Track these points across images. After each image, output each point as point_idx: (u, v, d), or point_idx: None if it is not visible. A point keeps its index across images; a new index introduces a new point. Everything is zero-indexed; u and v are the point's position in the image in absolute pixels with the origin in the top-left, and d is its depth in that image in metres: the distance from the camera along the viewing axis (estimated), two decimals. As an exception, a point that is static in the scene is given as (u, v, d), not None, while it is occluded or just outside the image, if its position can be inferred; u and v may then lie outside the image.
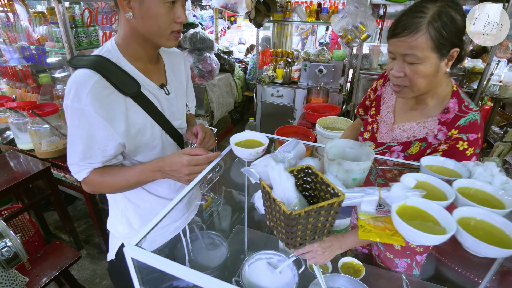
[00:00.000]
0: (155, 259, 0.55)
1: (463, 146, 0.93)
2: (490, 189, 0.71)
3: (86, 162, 0.88)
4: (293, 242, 0.60)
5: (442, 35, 0.84)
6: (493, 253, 0.56)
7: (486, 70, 2.88)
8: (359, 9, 2.88)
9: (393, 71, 0.94)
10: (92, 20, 1.96)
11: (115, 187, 0.94)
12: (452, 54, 0.89)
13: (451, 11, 0.85)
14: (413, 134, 1.04)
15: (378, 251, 1.32)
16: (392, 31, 0.91)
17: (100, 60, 0.86)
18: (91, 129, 0.84)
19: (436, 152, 0.98)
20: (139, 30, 0.86)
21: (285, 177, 0.55)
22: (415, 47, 0.86)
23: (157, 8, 0.80)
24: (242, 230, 1.51)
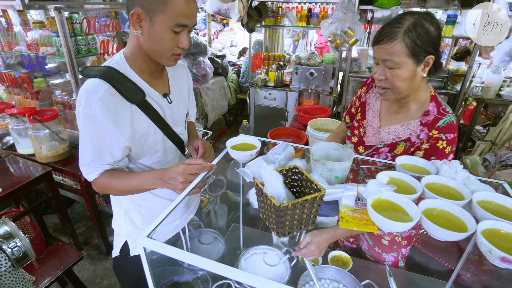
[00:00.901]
0: (165, 247, 0.65)
1: (442, 145, 1.05)
2: (453, 184, 0.82)
3: (97, 164, 0.97)
4: (282, 231, 0.70)
5: (416, 43, 0.96)
6: (450, 237, 0.67)
7: (468, 72, 3.03)
8: (347, 14, 3.00)
9: (376, 75, 1.07)
10: (91, 29, 2.03)
11: (120, 190, 1.03)
12: (428, 61, 1.01)
13: (425, 23, 0.97)
14: (398, 135, 1.15)
15: (368, 246, 1.41)
16: (375, 39, 1.04)
17: (109, 71, 0.96)
18: (101, 133, 0.93)
19: (419, 151, 1.09)
20: (144, 47, 0.95)
21: (274, 176, 0.65)
22: (392, 53, 0.98)
23: (163, 33, 0.89)
24: (237, 227, 1.60)
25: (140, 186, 1.00)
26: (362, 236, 1.43)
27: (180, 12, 0.87)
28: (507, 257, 0.59)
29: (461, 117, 3.67)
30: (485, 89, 3.22)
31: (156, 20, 0.88)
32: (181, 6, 0.87)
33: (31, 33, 2.04)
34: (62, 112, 2.27)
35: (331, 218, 2.03)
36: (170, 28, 0.89)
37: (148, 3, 0.86)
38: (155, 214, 1.22)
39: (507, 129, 2.45)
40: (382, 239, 1.34)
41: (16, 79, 2.27)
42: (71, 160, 2.18)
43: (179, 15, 0.88)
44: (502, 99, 3.18)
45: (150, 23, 0.89)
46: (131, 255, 1.21)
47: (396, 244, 1.34)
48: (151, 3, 0.86)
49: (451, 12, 2.93)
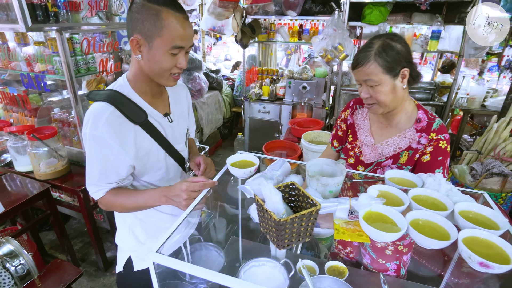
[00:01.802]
0: (175, 262, 0.69)
1: (444, 144, 1.16)
2: (437, 195, 0.89)
3: (103, 182, 1.03)
4: (282, 244, 0.75)
5: (387, 60, 1.08)
6: (434, 245, 0.73)
7: (453, 84, 3.16)
8: (337, 31, 3.13)
9: (362, 94, 1.18)
10: (90, 48, 2.10)
11: (126, 207, 1.08)
12: (404, 73, 1.12)
13: (392, 42, 1.10)
14: (398, 146, 1.24)
15: (371, 260, 1.44)
16: (353, 65, 1.16)
17: (113, 94, 1.02)
18: (107, 153, 0.99)
19: (425, 155, 1.18)
20: (145, 70, 1.02)
21: (274, 193, 0.71)
22: (369, 73, 1.10)
23: (162, 55, 0.96)
24: (236, 240, 1.64)
25: (145, 203, 1.05)
26: (364, 250, 1.45)
27: (176, 35, 0.93)
28: (485, 262, 0.66)
29: (449, 127, 3.80)
30: (470, 100, 3.36)
31: (154, 44, 0.94)
32: (177, 29, 0.93)
33: (31, 52, 2.09)
34: (60, 129, 2.31)
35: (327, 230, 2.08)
36: (167, 51, 0.95)
37: (146, 29, 0.93)
38: (158, 229, 1.26)
39: (491, 139, 2.56)
40: (386, 250, 1.37)
41: (14, 97, 2.31)
42: (70, 177, 2.21)
43: (175, 38, 0.94)
44: (486, 110, 3.32)
45: (149, 47, 0.95)
46: (135, 270, 1.24)
47: (399, 252, 1.37)
48: (149, 29, 0.92)
49: (435, 27, 3.08)
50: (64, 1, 1.86)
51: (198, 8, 5.14)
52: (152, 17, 0.91)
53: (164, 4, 0.92)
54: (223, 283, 0.67)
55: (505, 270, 0.65)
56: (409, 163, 1.21)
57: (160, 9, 0.91)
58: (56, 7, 1.82)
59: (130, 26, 0.97)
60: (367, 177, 1.16)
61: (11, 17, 1.74)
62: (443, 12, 3.23)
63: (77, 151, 2.29)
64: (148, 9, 0.92)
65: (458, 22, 2.98)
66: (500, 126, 2.54)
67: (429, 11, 2.94)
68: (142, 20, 0.92)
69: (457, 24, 3.03)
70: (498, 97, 3.41)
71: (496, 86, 3.76)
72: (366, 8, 3.08)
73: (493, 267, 0.65)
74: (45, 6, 1.77)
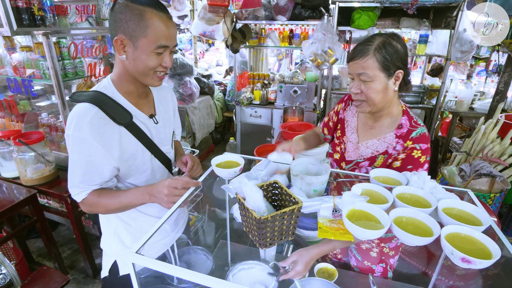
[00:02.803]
0: (154, 263, 0.68)
1: (417, 154, 1.13)
2: (421, 193, 0.90)
3: (85, 184, 1.01)
4: (264, 243, 0.74)
5: (386, 58, 1.07)
6: (417, 242, 0.73)
7: (442, 87, 3.21)
8: (326, 35, 3.16)
9: (352, 89, 1.15)
10: (78, 53, 2.08)
11: (109, 208, 1.06)
12: (398, 75, 1.11)
13: (393, 41, 1.09)
14: (376, 149, 1.23)
15: (356, 262, 1.44)
16: (349, 56, 1.14)
17: (97, 95, 1.01)
18: (90, 155, 0.97)
19: (396, 161, 1.17)
20: (130, 70, 1.01)
21: (255, 191, 0.71)
22: (366, 67, 1.08)
23: (147, 55, 0.95)
24: (225, 244, 1.62)
25: (129, 202, 1.04)
26: (350, 252, 1.45)
27: (161, 34, 0.94)
28: (467, 258, 0.66)
29: (438, 130, 3.85)
30: (459, 103, 3.41)
31: (139, 44, 0.94)
32: (161, 29, 0.94)
33: (18, 57, 2.07)
34: (48, 135, 2.27)
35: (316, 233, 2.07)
36: (152, 50, 0.95)
37: (130, 29, 0.93)
38: (144, 232, 1.22)
39: (479, 140, 2.59)
40: (370, 251, 1.37)
41: (1, 103, 2.27)
42: (57, 182, 2.17)
43: (160, 37, 0.94)
44: (474, 112, 3.37)
45: (134, 47, 0.95)
46: (121, 275, 1.21)
47: (385, 255, 1.38)
48: (133, 29, 0.92)
49: (422, 32, 3.13)
50: (50, 5, 1.85)
51: (190, 14, 5.16)
52: (136, 17, 0.91)
53: (148, 4, 0.92)
54: (207, 284, 0.65)
55: (486, 265, 0.65)
56: (383, 167, 1.20)
57: (144, 9, 0.92)
58: (43, 11, 1.81)
59: (113, 27, 0.96)
60: (352, 176, 1.16)
61: (-4, 20, 1.72)
62: (430, 17, 3.29)
63: (65, 156, 2.26)
64: (131, 9, 0.92)
65: (445, 27, 3.03)
66: (488, 127, 2.58)
67: (416, 16, 2.99)
68: (126, 20, 0.92)
69: (443, 28, 3.08)
70: (486, 99, 3.46)
71: (483, 89, 3.83)
72: (355, 13, 3.12)
73: (474, 262, 0.65)
74: (31, 10, 1.75)
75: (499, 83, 2.80)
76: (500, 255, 0.66)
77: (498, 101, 2.83)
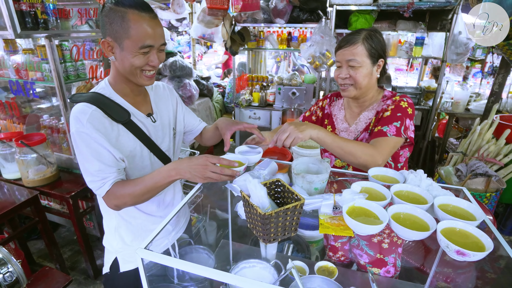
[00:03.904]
0: (163, 258, 0.71)
1: (404, 104, 1.26)
2: (418, 190, 0.93)
3: (104, 174, 1.00)
4: (268, 238, 0.77)
5: (372, 46, 1.23)
6: (414, 236, 0.76)
7: (438, 89, 3.26)
8: (324, 38, 3.21)
9: (341, 75, 1.28)
10: (80, 55, 2.11)
11: (136, 194, 1.02)
12: (379, 63, 1.27)
13: (376, 34, 1.26)
14: (368, 117, 1.34)
15: (369, 258, 1.44)
16: (339, 45, 1.29)
17: (95, 96, 1.05)
18: (98, 145, 0.99)
19: (386, 112, 1.26)
20: (121, 71, 1.04)
21: (259, 188, 0.74)
22: (355, 54, 1.23)
23: (131, 56, 0.98)
24: (227, 243, 1.64)
25: (155, 183, 1.00)
26: (361, 251, 1.46)
27: (143, 35, 0.95)
28: (461, 250, 0.69)
29: (435, 131, 3.90)
30: (455, 104, 3.46)
31: (124, 45, 0.97)
32: (143, 29, 0.95)
33: (20, 59, 2.09)
34: (49, 136, 2.29)
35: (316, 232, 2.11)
36: (137, 51, 0.97)
37: (114, 31, 0.96)
38: (144, 231, 1.26)
39: (475, 141, 2.64)
40: (382, 243, 1.39)
41: (3, 105, 2.29)
42: (59, 184, 2.19)
43: (143, 38, 0.96)
44: (470, 113, 3.42)
45: (120, 48, 0.98)
46: (121, 271, 1.24)
47: (395, 245, 1.40)
48: (117, 31, 0.95)
49: (419, 34, 3.18)
50: (53, 9, 1.87)
51: (188, 16, 5.19)
52: (119, 19, 0.94)
53: (130, 5, 0.94)
54: (212, 277, 0.68)
55: (480, 257, 0.69)
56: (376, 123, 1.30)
57: (126, 11, 0.94)
58: (46, 14, 1.83)
59: (101, 30, 1.00)
60: (351, 175, 1.19)
61: (0, 24, 1.75)
62: (426, 19, 3.34)
63: (66, 158, 2.28)
64: (115, 12, 0.95)
65: (440, 29, 3.09)
66: (483, 128, 2.63)
67: (412, 18, 3.04)
68: (110, 22, 0.96)
69: (439, 31, 3.14)
70: (481, 101, 3.52)
71: (479, 91, 3.89)
72: (352, 16, 3.17)
73: (469, 254, 0.68)
74: (34, 13, 1.78)
75: (494, 85, 2.85)
76: (492, 247, 0.69)
77: (493, 102, 2.88)
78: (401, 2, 2.84)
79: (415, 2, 2.79)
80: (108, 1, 0.97)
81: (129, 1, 0.95)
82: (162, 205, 1.29)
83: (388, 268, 1.43)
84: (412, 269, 1.80)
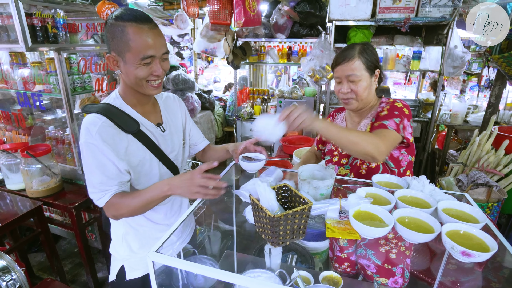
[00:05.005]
0: (174, 260, 0.72)
1: (399, 105, 1.30)
2: (421, 195, 0.95)
3: (105, 186, 1.04)
4: (277, 241, 0.79)
5: (368, 59, 1.28)
6: (420, 239, 0.78)
7: (436, 101, 3.32)
8: (324, 52, 3.29)
9: (342, 90, 1.32)
10: (87, 68, 2.16)
11: (133, 207, 1.05)
12: (376, 74, 1.33)
13: (368, 46, 1.32)
14: (367, 123, 1.37)
15: (377, 268, 1.44)
16: (335, 62, 1.33)
17: (106, 107, 1.08)
18: (104, 158, 1.02)
19: (383, 111, 1.30)
20: (127, 83, 1.08)
21: (268, 191, 0.76)
22: (354, 69, 1.27)
23: (134, 68, 1.01)
24: (231, 254, 1.64)
25: (151, 198, 1.04)
26: (368, 260, 1.46)
27: (143, 46, 0.98)
28: (467, 251, 0.70)
29: (435, 143, 3.93)
30: (453, 116, 3.51)
31: (126, 58, 1.00)
32: (142, 41, 0.98)
33: (28, 72, 2.14)
34: (54, 147, 2.32)
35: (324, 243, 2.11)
36: (139, 62, 1.00)
37: (116, 46, 1.00)
38: (151, 238, 1.27)
39: (475, 152, 2.67)
40: (390, 253, 1.40)
41: (9, 116, 2.33)
42: (62, 194, 2.20)
43: (142, 49, 0.98)
44: (469, 125, 3.46)
45: (124, 62, 1.02)
46: (127, 279, 1.24)
47: (402, 255, 1.40)
48: (118, 45, 0.99)
49: (416, 48, 3.26)
50: (63, 23, 1.94)
51: (191, 32, 5.33)
52: (119, 34, 0.98)
53: (129, 19, 0.97)
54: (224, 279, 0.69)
55: (485, 257, 0.70)
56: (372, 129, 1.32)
57: (125, 25, 0.97)
58: (56, 28, 1.90)
59: (106, 45, 1.05)
60: (355, 182, 1.22)
61: (11, 37, 1.80)
62: (423, 34, 3.44)
63: (71, 169, 2.30)
64: (115, 27, 0.98)
65: (437, 43, 3.17)
66: (482, 139, 2.66)
67: (409, 33, 3.13)
68: (112, 38, 1.00)
69: (435, 45, 3.22)
70: (479, 112, 3.57)
71: (476, 103, 3.95)
72: (350, 31, 3.26)
73: (474, 255, 0.70)
74: (45, 28, 1.84)
75: (491, 96, 2.91)
76: (497, 248, 0.70)
77: (490, 114, 2.93)
78: (398, 17, 2.93)
79: (411, 17, 2.88)
80: (110, 17, 1.01)
81: (127, 16, 0.98)
82: (169, 213, 1.30)
83: (396, 279, 1.43)
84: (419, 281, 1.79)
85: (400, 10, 2.92)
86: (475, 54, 5.50)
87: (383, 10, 2.96)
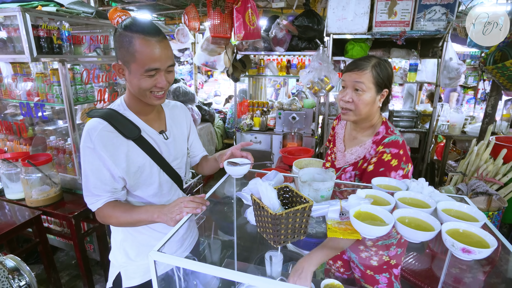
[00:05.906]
0: (175, 259, 0.72)
1: (387, 158, 1.23)
2: (421, 197, 0.96)
3: (98, 191, 1.07)
4: (278, 240, 0.79)
5: (380, 75, 1.25)
6: (420, 237, 0.78)
7: (433, 112, 3.36)
8: (322, 64, 3.35)
9: (344, 98, 1.29)
10: (90, 79, 2.20)
11: (121, 220, 1.10)
12: (384, 93, 1.28)
13: (385, 63, 1.28)
14: (358, 155, 1.35)
15: (360, 272, 1.45)
16: (347, 67, 1.30)
17: (109, 112, 1.11)
18: (99, 164, 1.05)
19: (369, 165, 1.28)
20: (132, 91, 1.11)
21: (270, 190, 0.77)
22: (362, 78, 1.24)
23: (138, 78, 1.03)
24: (231, 263, 1.63)
25: (139, 219, 1.07)
26: (353, 263, 1.48)
27: (148, 59, 0.99)
28: (467, 248, 0.71)
29: (433, 153, 3.95)
30: (451, 126, 3.55)
31: (131, 69, 1.02)
32: (148, 53, 0.98)
33: (32, 83, 2.18)
34: (55, 157, 2.33)
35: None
36: (143, 74, 1.01)
37: (122, 55, 1.02)
38: (148, 246, 1.26)
39: (473, 161, 2.69)
40: (371, 260, 1.39)
41: (11, 126, 2.35)
42: (62, 204, 2.19)
43: (147, 61, 0.99)
44: (466, 135, 3.50)
45: (129, 71, 1.04)
46: (124, 287, 1.23)
47: (386, 264, 1.39)
48: (124, 55, 1.01)
49: (412, 61, 3.34)
50: (68, 35, 1.99)
51: (191, 46, 5.44)
52: (126, 44, 1.00)
53: (137, 31, 0.98)
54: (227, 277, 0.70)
55: (486, 254, 0.71)
56: (362, 171, 1.32)
57: (132, 36, 0.98)
58: (61, 40, 1.94)
59: (115, 53, 1.09)
60: (354, 185, 1.23)
61: (17, 48, 1.85)
62: (418, 47, 3.52)
63: (71, 178, 2.30)
64: (123, 37, 1.00)
65: (432, 56, 3.25)
66: (480, 148, 2.68)
67: (405, 46, 3.20)
68: (119, 47, 1.02)
69: (431, 57, 3.30)
70: (476, 123, 3.62)
71: (473, 114, 4.01)
72: (348, 44, 3.34)
73: (474, 252, 0.70)
74: (50, 39, 1.89)
75: (487, 107, 2.96)
76: (496, 245, 0.71)
77: (487, 123, 2.96)
78: (394, 31, 3.01)
79: (407, 31, 2.96)
80: (119, 26, 1.03)
81: (136, 27, 0.98)
82: None
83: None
84: None
85: (395, 24, 3.01)
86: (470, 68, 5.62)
87: (379, 24, 3.04)
